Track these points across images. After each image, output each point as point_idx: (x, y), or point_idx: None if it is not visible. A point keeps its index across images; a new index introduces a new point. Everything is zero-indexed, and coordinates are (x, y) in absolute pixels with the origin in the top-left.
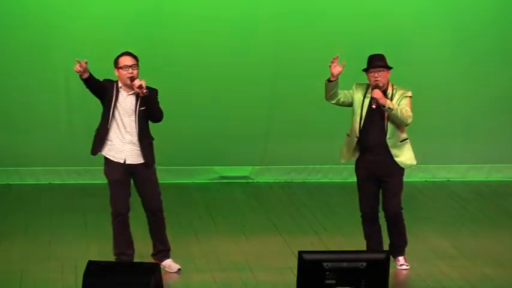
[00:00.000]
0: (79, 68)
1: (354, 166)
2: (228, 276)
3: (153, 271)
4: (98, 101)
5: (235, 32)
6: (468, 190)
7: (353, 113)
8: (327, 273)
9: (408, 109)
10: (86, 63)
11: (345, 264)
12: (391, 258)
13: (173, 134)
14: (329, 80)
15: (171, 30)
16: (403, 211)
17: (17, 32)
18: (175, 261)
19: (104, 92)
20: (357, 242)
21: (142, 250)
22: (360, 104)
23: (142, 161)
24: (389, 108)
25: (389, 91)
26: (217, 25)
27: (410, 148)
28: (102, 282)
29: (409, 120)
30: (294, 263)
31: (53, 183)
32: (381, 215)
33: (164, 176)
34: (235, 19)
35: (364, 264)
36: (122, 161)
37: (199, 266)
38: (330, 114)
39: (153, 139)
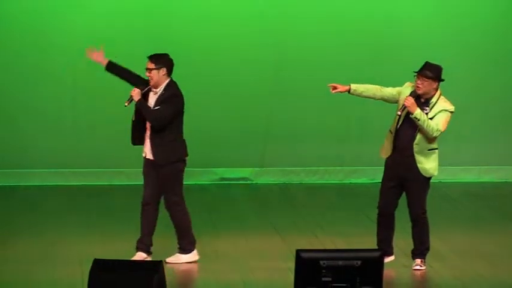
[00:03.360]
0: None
1: (349, 168)
2: (228, 275)
3: (156, 269)
4: (103, 105)
5: (235, 35)
6: (459, 191)
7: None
8: (324, 271)
9: (439, 123)
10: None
11: (340, 263)
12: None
13: None
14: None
15: (171, 32)
16: (426, 215)
17: (23, 32)
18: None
19: (134, 83)
20: (352, 241)
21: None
22: (403, 105)
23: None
24: (415, 117)
25: (433, 101)
26: (217, 27)
27: (436, 159)
28: (107, 280)
29: (434, 134)
30: (291, 261)
31: (58, 185)
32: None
33: None
34: (235, 21)
35: (359, 262)
36: (144, 155)
37: (200, 265)
38: (326, 118)
39: (174, 139)
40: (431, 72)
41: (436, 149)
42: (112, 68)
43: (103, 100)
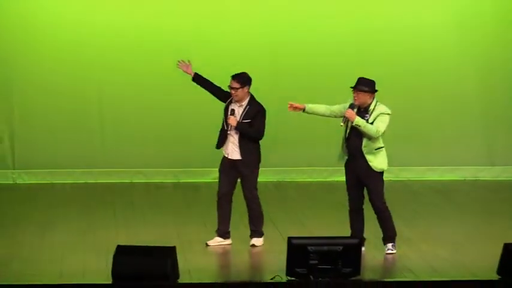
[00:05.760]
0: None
1: (332, 168)
2: (230, 258)
3: (170, 254)
4: (127, 112)
5: (232, 41)
6: (425, 187)
7: None
8: (311, 254)
9: (379, 126)
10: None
11: (325, 248)
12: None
13: (186, 143)
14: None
15: (176, 34)
16: (386, 205)
17: (51, 48)
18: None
19: (219, 97)
20: (335, 229)
21: (161, 235)
22: (344, 116)
23: (239, 158)
24: (356, 125)
25: (371, 108)
26: (217, 31)
27: (384, 155)
28: (128, 263)
29: (375, 135)
30: (284, 247)
31: (88, 183)
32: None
33: (181, 175)
34: (237, 24)
35: (341, 247)
36: (226, 155)
37: (207, 250)
38: (313, 125)
39: (259, 144)
40: (364, 86)
41: (382, 147)
42: (197, 79)
43: (127, 110)
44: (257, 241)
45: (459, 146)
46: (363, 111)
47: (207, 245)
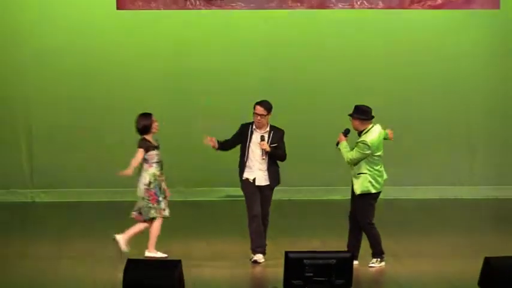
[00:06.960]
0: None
1: (326, 187)
2: (231, 270)
3: (176, 266)
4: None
5: (229, 60)
6: (411, 206)
7: None
8: (307, 267)
9: (353, 153)
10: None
11: (320, 261)
12: None
13: (192, 164)
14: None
15: (186, 58)
16: (370, 225)
17: (69, 71)
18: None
19: (239, 141)
20: (328, 244)
21: (169, 249)
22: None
23: (267, 184)
24: (339, 148)
25: (362, 134)
26: (219, 51)
27: (364, 181)
28: (137, 275)
29: (346, 160)
30: (281, 260)
31: (101, 201)
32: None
33: (187, 195)
34: (240, 45)
35: (334, 261)
36: (251, 180)
37: (209, 263)
38: (309, 148)
39: (278, 167)
40: (354, 113)
41: (363, 173)
42: (220, 147)
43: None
44: (261, 258)
45: (443, 168)
46: (359, 135)
47: (256, 262)
